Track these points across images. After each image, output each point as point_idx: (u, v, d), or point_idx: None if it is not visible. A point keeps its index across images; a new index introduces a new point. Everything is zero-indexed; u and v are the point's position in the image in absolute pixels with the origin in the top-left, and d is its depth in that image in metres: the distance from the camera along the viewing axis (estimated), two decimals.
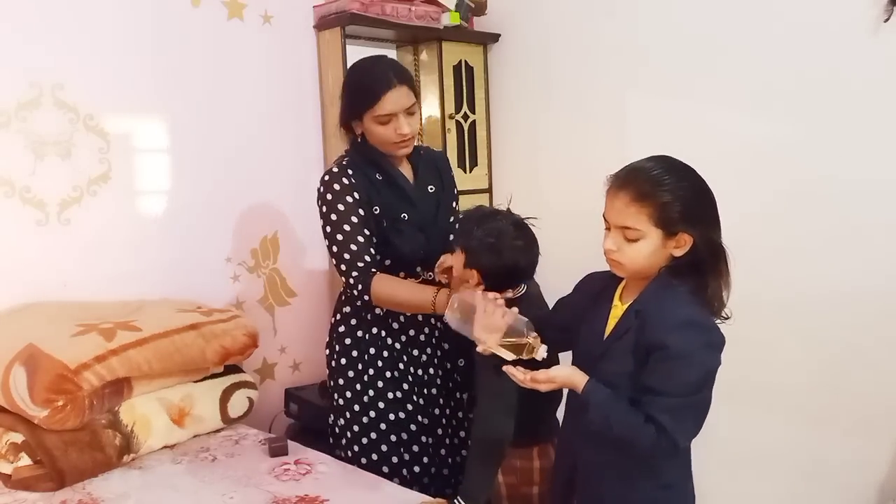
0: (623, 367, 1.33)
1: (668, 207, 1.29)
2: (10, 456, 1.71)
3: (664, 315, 1.31)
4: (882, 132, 2.05)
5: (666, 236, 1.31)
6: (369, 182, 1.83)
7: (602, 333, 1.41)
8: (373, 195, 1.83)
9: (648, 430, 1.27)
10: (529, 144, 2.91)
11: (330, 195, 1.80)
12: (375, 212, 1.83)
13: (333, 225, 1.79)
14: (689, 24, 2.40)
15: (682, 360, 1.28)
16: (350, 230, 1.78)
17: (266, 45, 2.53)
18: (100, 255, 2.18)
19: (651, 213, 1.29)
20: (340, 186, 1.80)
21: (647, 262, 1.33)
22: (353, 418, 1.89)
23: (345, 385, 1.91)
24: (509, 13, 2.91)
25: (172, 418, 1.92)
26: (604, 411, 1.31)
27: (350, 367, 1.90)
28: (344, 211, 1.79)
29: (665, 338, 1.28)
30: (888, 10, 1.97)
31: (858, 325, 2.12)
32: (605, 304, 1.44)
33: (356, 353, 1.90)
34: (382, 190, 1.84)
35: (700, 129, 2.38)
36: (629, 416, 1.30)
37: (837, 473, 2.20)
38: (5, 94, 1.99)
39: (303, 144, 2.65)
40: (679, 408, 1.29)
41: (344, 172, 1.82)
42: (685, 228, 1.30)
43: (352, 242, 1.78)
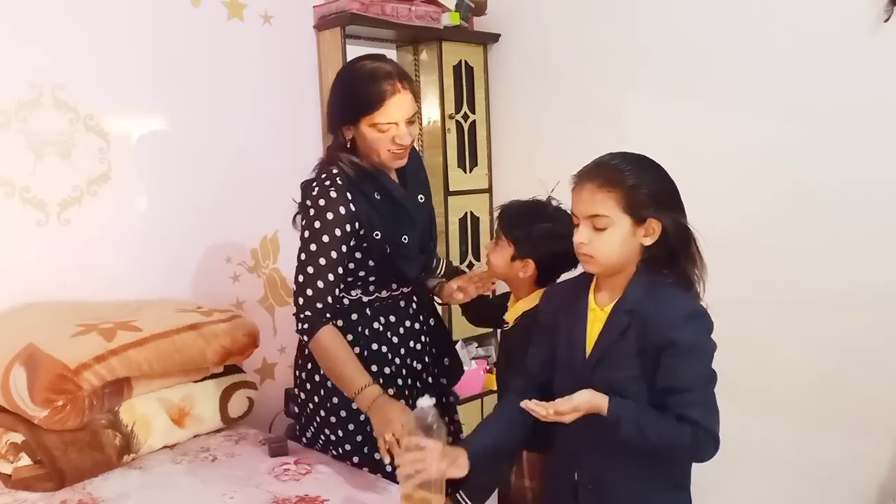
0: (628, 371, 1.31)
1: (635, 191, 1.29)
2: (10, 456, 1.71)
3: (664, 312, 1.30)
4: (882, 132, 2.05)
5: (635, 223, 1.31)
6: (370, 205, 1.68)
7: (584, 342, 1.38)
8: (374, 219, 1.68)
9: (684, 430, 1.26)
10: (529, 144, 2.91)
11: (319, 222, 1.63)
12: (376, 236, 1.68)
13: (311, 253, 1.64)
14: (688, 25, 2.40)
15: (693, 353, 1.29)
16: (325, 264, 1.63)
17: (266, 45, 2.53)
18: (100, 255, 2.18)
19: (619, 199, 1.29)
20: (335, 216, 1.63)
21: (619, 254, 1.32)
22: (331, 410, 1.79)
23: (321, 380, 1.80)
24: (509, 13, 2.91)
25: (172, 418, 1.92)
26: (637, 425, 1.27)
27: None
28: (328, 243, 1.63)
29: (674, 335, 1.28)
30: (888, 10, 1.97)
31: (859, 325, 2.13)
32: (579, 312, 1.41)
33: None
34: (383, 211, 1.70)
35: (700, 130, 2.39)
36: (662, 422, 1.28)
37: (837, 473, 2.20)
38: (5, 94, 1.99)
39: (303, 144, 2.65)
40: (704, 399, 1.29)
41: (343, 199, 1.64)
42: (653, 213, 1.31)
43: (320, 279, 1.63)
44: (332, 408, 1.79)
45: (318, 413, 1.83)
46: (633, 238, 1.31)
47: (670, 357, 1.28)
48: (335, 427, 1.81)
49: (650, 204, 1.30)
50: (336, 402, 1.78)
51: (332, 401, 1.78)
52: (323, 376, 1.77)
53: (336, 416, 1.79)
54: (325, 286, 1.64)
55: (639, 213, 1.30)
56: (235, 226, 2.49)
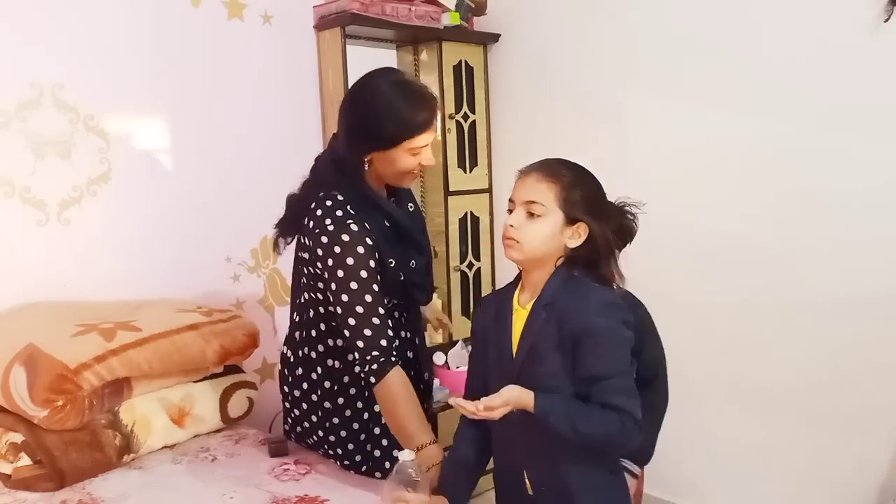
0: (552, 365, 1.35)
1: (573, 191, 1.35)
2: (10, 456, 1.71)
3: (580, 302, 1.34)
4: (882, 132, 2.05)
5: (566, 221, 1.35)
6: (383, 235, 1.62)
7: (510, 340, 1.42)
8: (387, 248, 1.62)
9: (611, 418, 1.30)
10: (529, 144, 2.91)
11: (352, 259, 1.54)
12: (391, 264, 1.62)
13: (354, 292, 1.54)
14: (688, 25, 2.40)
15: (611, 341, 1.33)
16: (372, 301, 1.55)
17: (266, 45, 2.53)
18: (100, 255, 2.18)
19: (558, 193, 1.35)
20: (364, 250, 1.55)
21: (544, 245, 1.36)
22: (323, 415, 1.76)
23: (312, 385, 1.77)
24: (509, 13, 2.91)
25: (172, 418, 1.92)
26: (566, 417, 1.30)
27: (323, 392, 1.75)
28: (367, 278, 1.55)
29: (591, 322, 1.32)
30: (888, 10, 1.97)
31: (859, 325, 2.13)
32: (505, 314, 1.45)
33: (330, 384, 1.74)
34: (391, 239, 1.65)
35: (700, 130, 2.39)
36: (589, 412, 1.31)
37: (837, 474, 2.20)
38: (5, 94, 1.99)
39: (303, 144, 2.65)
40: (627, 385, 1.33)
41: (363, 230, 1.57)
42: (584, 217, 1.36)
43: (374, 315, 1.55)
44: (323, 415, 1.76)
45: (309, 418, 1.80)
46: (559, 235, 1.36)
47: (590, 346, 1.32)
48: (327, 432, 1.77)
49: (583, 207, 1.36)
50: (328, 407, 1.74)
51: (324, 406, 1.75)
52: (313, 390, 1.74)
53: (329, 422, 1.76)
54: (380, 322, 1.56)
55: (571, 213, 1.35)
56: (235, 226, 2.49)
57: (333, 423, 1.75)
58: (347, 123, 1.63)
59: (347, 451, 1.75)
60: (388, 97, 1.57)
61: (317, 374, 1.74)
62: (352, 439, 1.75)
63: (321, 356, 1.73)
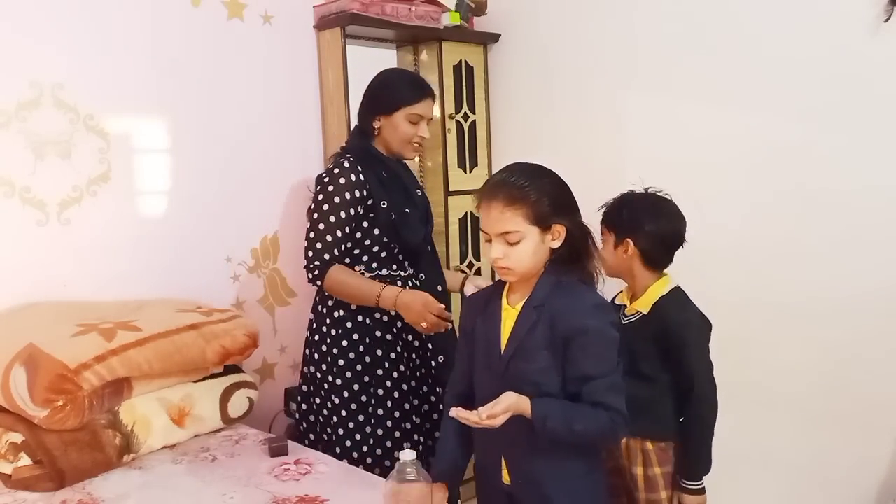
0: (540, 363, 1.40)
1: (539, 204, 1.39)
2: (10, 456, 1.71)
3: (572, 304, 1.40)
4: (882, 132, 2.05)
5: (542, 231, 1.41)
6: (378, 180, 1.96)
7: (499, 338, 1.46)
8: (381, 191, 1.96)
9: (602, 416, 1.36)
10: (529, 144, 2.91)
11: (332, 186, 1.92)
12: (383, 205, 1.96)
13: (321, 213, 1.93)
14: (688, 25, 2.40)
15: (602, 341, 1.39)
16: (334, 221, 1.92)
17: (266, 45, 2.53)
18: (100, 255, 2.18)
19: (526, 213, 1.39)
20: (346, 181, 1.93)
21: (533, 261, 1.42)
22: (340, 403, 2.00)
23: (337, 370, 2.00)
24: (509, 13, 2.91)
25: (172, 418, 1.92)
26: (563, 419, 1.36)
27: (345, 351, 2.00)
28: (337, 204, 1.92)
29: (583, 323, 1.38)
30: (888, 10, 1.97)
31: (859, 325, 2.13)
32: (494, 312, 1.49)
33: (355, 336, 1.99)
34: (390, 187, 1.98)
35: (700, 130, 2.39)
36: (583, 411, 1.36)
37: (838, 474, 2.20)
38: (5, 94, 1.99)
39: (303, 144, 2.65)
40: (615, 384, 1.39)
41: (353, 169, 1.94)
42: (557, 219, 1.41)
43: (328, 234, 1.92)
44: (338, 404, 1.98)
45: (325, 406, 2.00)
46: (542, 245, 1.42)
47: (581, 346, 1.37)
48: (341, 420, 1.97)
49: (553, 212, 1.41)
50: (346, 395, 1.97)
51: (341, 393, 1.98)
52: (329, 370, 1.99)
53: (340, 411, 1.98)
54: (332, 240, 1.92)
55: (545, 222, 1.41)
56: (235, 226, 2.49)
57: (350, 410, 1.99)
58: (363, 101, 2.07)
59: (352, 414, 1.98)
60: (390, 75, 2.08)
61: (334, 336, 2.02)
62: (361, 429, 1.98)
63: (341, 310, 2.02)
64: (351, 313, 2.00)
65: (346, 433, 1.98)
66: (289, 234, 2.62)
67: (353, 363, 1.98)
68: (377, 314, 2.00)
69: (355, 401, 1.98)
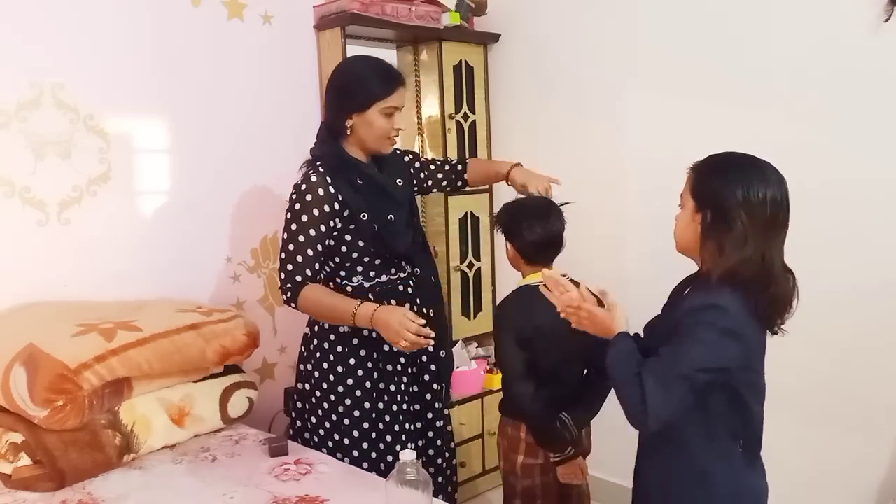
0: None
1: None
2: (10, 456, 1.71)
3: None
4: (882, 132, 2.05)
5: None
6: (353, 189, 1.83)
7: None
8: (359, 202, 1.83)
9: (634, 385, 1.33)
10: (529, 144, 2.91)
11: (300, 204, 1.80)
12: (363, 217, 1.83)
13: (292, 232, 1.81)
14: (688, 24, 2.40)
15: (688, 336, 1.35)
16: (304, 241, 1.80)
17: (266, 45, 2.53)
18: (100, 255, 2.18)
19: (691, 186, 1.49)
20: (313, 197, 1.79)
21: (682, 234, 1.47)
22: (332, 405, 1.91)
23: (326, 370, 1.92)
24: (509, 13, 2.91)
25: (172, 418, 1.92)
26: (618, 356, 1.39)
27: (335, 358, 1.91)
28: (307, 221, 1.79)
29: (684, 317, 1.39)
30: (888, 10, 1.97)
31: (859, 325, 2.13)
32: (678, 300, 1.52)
33: (340, 347, 1.91)
34: (367, 194, 1.85)
35: (699, 130, 2.39)
36: (628, 365, 1.36)
37: (837, 473, 2.20)
38: (5, 94, 1.99)
39: (303, 144, 2.63)
40: (665, 374, 1.33)
41: (323, 182, 1.80)
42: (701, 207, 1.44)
43: (299, 254, 1.80)
44: (334, 402, 1.90)
45: (321, 405, 1.92)
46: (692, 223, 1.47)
47: (678, 333, 1.37)
48: (337, 421, 1.89)
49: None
50: (340, 391, 1.89)
51: (337, 391, 1.89)
52: (325, 371, 1.90)
53: (336, 410, 1.89)
54: (303, 260, 1.80)
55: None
56: (235, 226, 2.49)
57: (345, 406, 1.89)
58: (329, 98, 1.90)
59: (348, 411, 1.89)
60: (358, 67, 1.88)
61: (329, 342, 1.92)
62: (357, 427, 1.89)
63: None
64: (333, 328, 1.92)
65: (346, 433, 1.92)
66: None
67: (354, 370, 1.92)
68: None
69: (359, 406, 1.91)
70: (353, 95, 1.82)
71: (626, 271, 2.65)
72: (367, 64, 1.87)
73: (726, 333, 1.34)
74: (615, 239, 2.66)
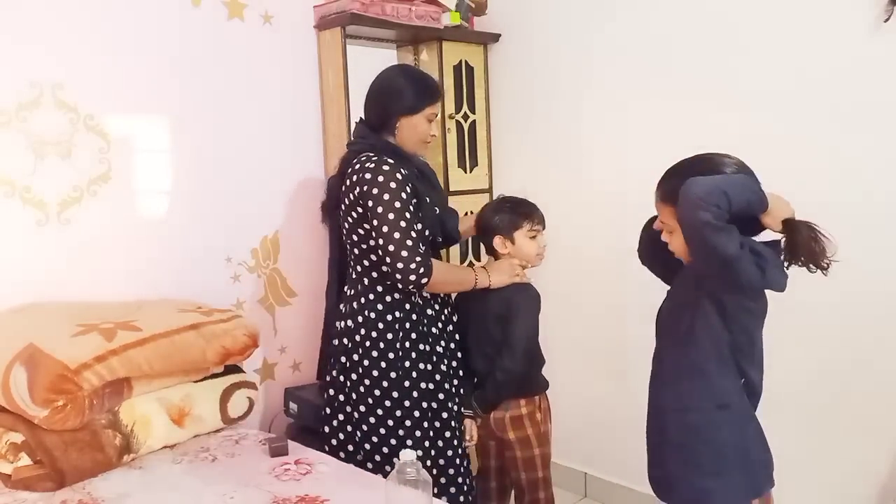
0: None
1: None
2: (10, 456, 1.71)
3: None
4: (882, 132, 2.05)
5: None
6: (415, 176, 1.96)
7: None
8: (421, 187, 1.96)
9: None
10: (529, 144, 2.91)
11: (388, 190, 1.85)
12: (427, 201, 1.96)
13: (391, 220, 1.85)
14: (688, 25, 2.40)
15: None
16: (410, 219, 1.87)
17: (266, 45, 2.53)
18: (100, 255, 2.18)
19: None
20: (396, 183, 1.86)
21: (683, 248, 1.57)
22: (390, 407, 1.95)
23: (377, 357, 1.95)
24: (509, 13, 2.91)
25: (172, 418, 1.92)
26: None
27: (385, 345, 1.95)
28: (402, 205, 1.86)
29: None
30: (888, 10, 1.97)
31: (859, 325, 2.13)
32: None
33: (391, 335, 1.95)
34: (424, 183, 2.00)
35: (700, 130, 2.38)
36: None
37: (837, 473, 2.20)
38: (5, 94, 1.99)
39: (303, 144, 2.65)
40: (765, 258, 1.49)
41: (397, 168, 1.89)
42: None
43: (412, 231, 1.86)
44: (387, 388, 1.94)
45: (372, 394, 1.95)
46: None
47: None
48: (391, 407, 1.93)
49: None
50: (394, 377, 1.94)
51: (390, 377, 1.94)
52: (376, 359, 1.95)
53: (390, 396, 1.94)
54: (418, 235, 1.88)
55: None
56: (235, 226, 2.49)
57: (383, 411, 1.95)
58: (379, 100, 2.02)
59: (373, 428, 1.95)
60: (409, 74, 2.06)
61: (378, 331, 1.96)
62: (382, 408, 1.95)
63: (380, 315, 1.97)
64: (381, 312, 1.96)
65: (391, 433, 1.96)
66: (289, 234, 2.62)
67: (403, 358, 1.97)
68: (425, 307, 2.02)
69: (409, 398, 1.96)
70: (405, 99, 1.97)
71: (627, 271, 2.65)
72: (417, 72, 2.10)
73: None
74: (616, 238, 2.66)
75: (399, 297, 1.96)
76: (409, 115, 1.97)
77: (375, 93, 2.03)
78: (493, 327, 2.05)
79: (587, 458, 2.89)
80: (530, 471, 2.10)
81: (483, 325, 2.07)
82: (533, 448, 2.09)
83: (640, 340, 2.65)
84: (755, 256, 1.44)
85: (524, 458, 2.09)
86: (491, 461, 2.18)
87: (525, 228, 2.06)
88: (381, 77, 2.05)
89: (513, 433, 2.08)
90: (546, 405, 2.14)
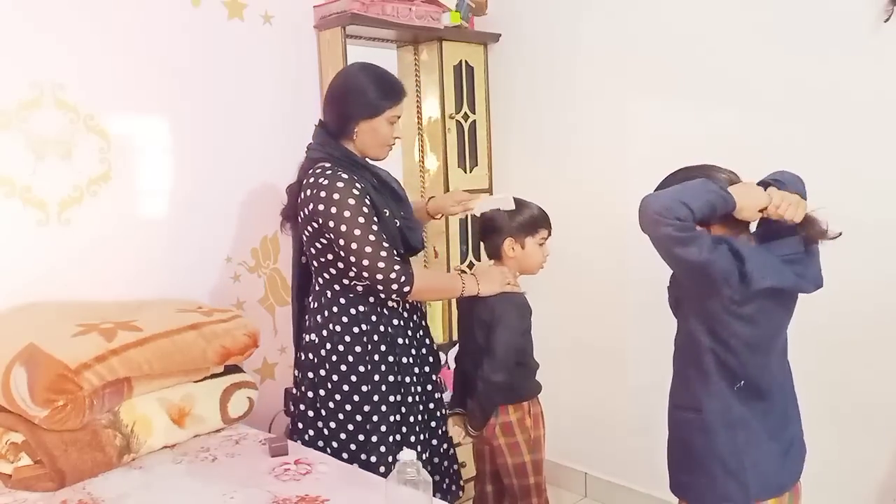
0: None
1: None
2: (10, 456, 1.71)
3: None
4: (882, 132, 2.05)
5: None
6: (373, 187, 1.87)
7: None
8: (379, 200, 1.87)
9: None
10: (529, 144, 2.91)
11: (349, 202, 1.77)
12: (385, 213, 1.86)
13: (362, 227, 1.77)
14: (688, 25, 2.40)
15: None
16: (375, 239, 1.79)
17: (266, 45, 2.53)
18: (100, 255, 2.18)
19: None
20: (358, 192, 1.79)
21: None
22: (350, 411, 1.89)
23: (346, 371, 1.88)
24: (509, 13, 2.91)
25: (172, 418, 1.92)
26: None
27: (354, 359, 1.88)
28: (368, 214, 1.79)
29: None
30: (888, 10, 1.97)
31: (858, 324, 2.13)
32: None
33: (359, 347, 1.88)
34: (383, 193, 1.91)
35: (699, 130, 2.39)
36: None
37: (837, 473, 2.20)
38: (6, 94, 1.99)
39: (303, 144, 2.62)
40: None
41: (353, 180, 1.81)
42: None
43: (384, 242, 1.80)
44: (358, 402, 1.87)
45: (342, 409, 1.89)
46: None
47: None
48: (361, 421, 1.88)
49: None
50: (365, 391, 1.87)
51: (361, 391, 1.87)
52: (345, 373, 1.88)
53: (361, 410, 1.88)
54: (387, 253, 1.80)
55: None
56: (235, 226, 2.49)
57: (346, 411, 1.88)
58: (337, 103, 1.92)
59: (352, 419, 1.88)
60: (367, 76, 1.90)
61: (345, 344, 1.89)
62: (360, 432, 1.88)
63: (346, 328, 1.89)
64: (349, 323, 1.89)
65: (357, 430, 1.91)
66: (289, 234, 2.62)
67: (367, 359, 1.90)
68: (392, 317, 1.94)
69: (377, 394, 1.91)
70: (363, 103, 1.86)
71: (627, 271, 2.65)
72: (374, 73, 1.91)
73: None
74: (615, 239, 2.66)
75: (364, 308, 1.88)
76: (369, 119, 1.86)
77: (334, 94, 1.93)
78: (479, 334, 2.02)
79: (587, 458, 2.89)
80: (521, 477, 2.08)
81: (470, 331, 2.05)
82: (523, 455, 2.06)
83: (640, 340, 2.66)
84: (733, 256, 1.43)
85: (514, 465, 2.07)
86: (486, 465, 2.17)
87: (538, 236, 2.05)
88: (341, 76, 1.98)
89: (502, 439, 2.06)
90: (537, 410, 2.11)
